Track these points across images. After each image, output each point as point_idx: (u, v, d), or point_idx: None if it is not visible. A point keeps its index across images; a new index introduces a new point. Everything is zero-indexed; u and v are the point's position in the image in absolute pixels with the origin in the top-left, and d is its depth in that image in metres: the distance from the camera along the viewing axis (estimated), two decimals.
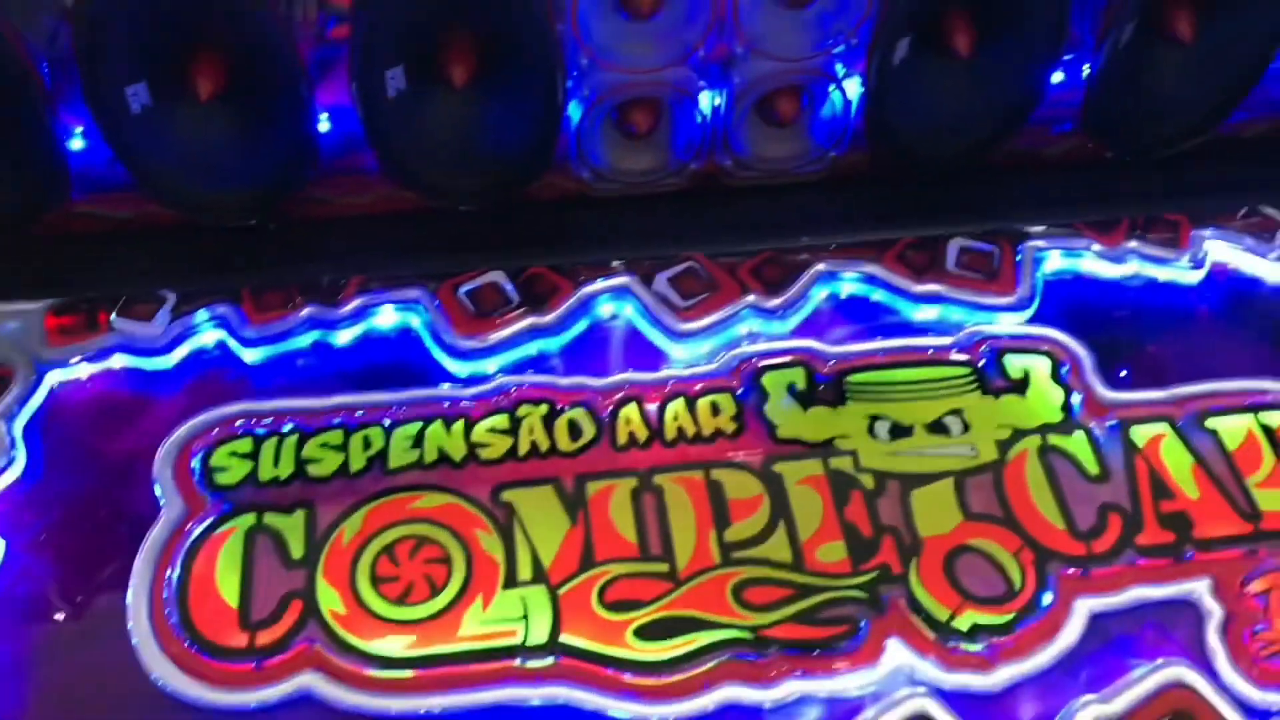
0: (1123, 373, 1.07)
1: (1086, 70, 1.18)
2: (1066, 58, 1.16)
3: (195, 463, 0.99)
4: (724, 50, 1.11)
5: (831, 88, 1.14)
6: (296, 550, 0.93)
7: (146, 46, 1.04)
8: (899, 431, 1.01)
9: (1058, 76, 1.18)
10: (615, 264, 1.14)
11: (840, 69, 1.14)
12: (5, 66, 1.04)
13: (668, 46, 1.09)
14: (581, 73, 1.10)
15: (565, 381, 1.05)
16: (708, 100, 1.14)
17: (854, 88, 1.15)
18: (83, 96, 1.05)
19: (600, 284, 1.12)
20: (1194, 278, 1.15)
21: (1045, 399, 1.03)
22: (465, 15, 1.05)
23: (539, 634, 0.89)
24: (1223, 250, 1.16)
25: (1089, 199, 1.21)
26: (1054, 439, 1.00)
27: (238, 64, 1.05)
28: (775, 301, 1.11)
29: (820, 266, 1.13)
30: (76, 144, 1.12)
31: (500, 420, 1.02)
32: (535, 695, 0.88)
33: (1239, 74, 1.17)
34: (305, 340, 1.09)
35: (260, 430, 1.01)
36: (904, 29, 1.10)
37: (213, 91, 1.04)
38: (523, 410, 1.02)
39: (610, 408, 1.02)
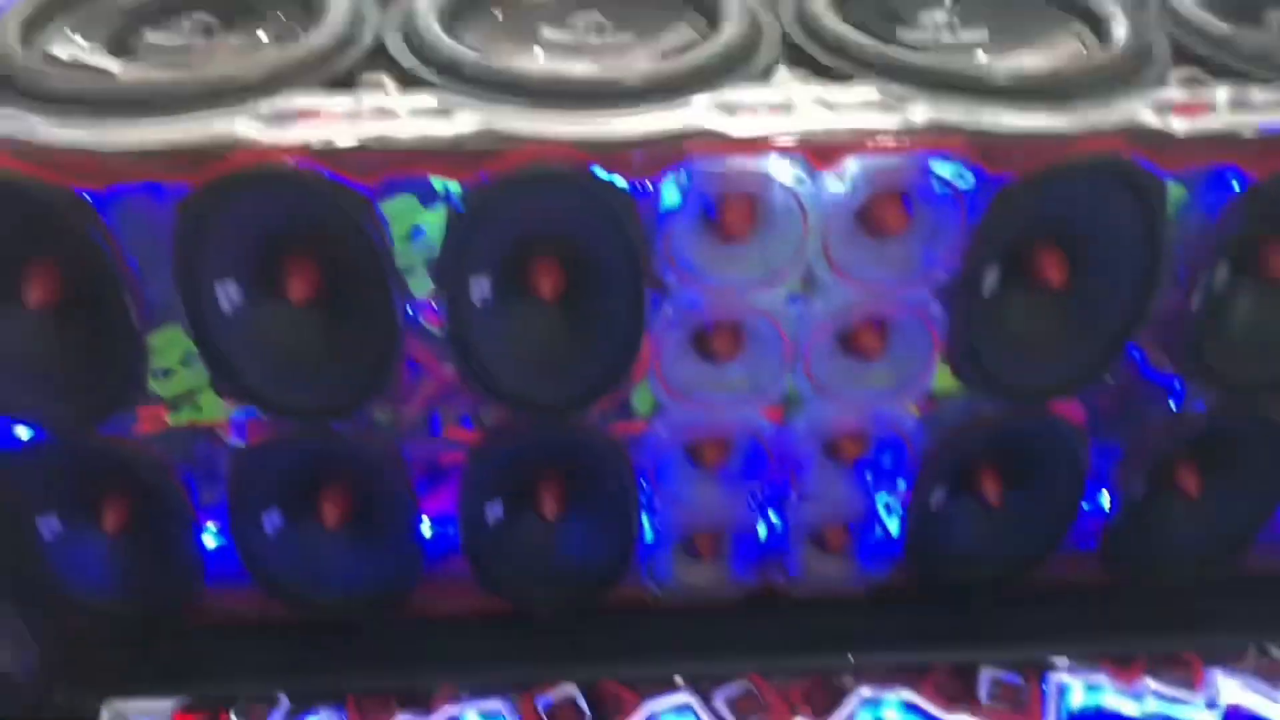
0: None
1: (1106, 502, 1.32)
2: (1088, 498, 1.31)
3: None
4: (780, 494, 1.27)
5: (875, 524, 1.30)
6: None
7: (287, 483, 1.22)
8: None
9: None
10: (678, 679, 1.27)
11: (883, 510, 1.29)
12: (157, 481, 1.22)
13: (730, 494, 1.26)
14: (655, 510, 1.27)
15: None
16: (764, 529, 1.30)
17: (895, 524, 1.30)
18: (228, 526, 1.23)
19: (664, 701, 1.25)
20: (1210, 719, 1.25)
21: None
22: (559, 459, 1.23)
23: None
24: (1235, 691, 1.26)
25: (1110, 626, 1.32)
26: None
27: (360, 496, 1.23)
28: None
29: (865, 692, 1.25)
30: (210, 541, 1.30)
31: None
32: None
33: (1243, 524, 1.31)
34: None
35: None
36: (939, 482, 1.26)
37: (339, 521, 1.21)
38: None
39: None
